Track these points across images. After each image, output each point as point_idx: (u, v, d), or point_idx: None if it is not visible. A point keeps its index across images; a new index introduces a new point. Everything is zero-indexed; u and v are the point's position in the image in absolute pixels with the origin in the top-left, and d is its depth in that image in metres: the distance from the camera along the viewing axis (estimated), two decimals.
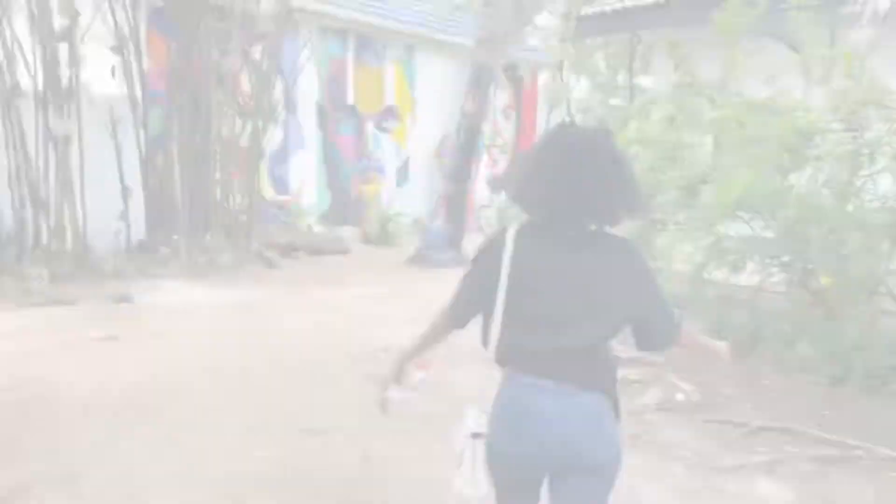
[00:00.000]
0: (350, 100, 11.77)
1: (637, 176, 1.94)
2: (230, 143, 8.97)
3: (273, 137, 10.06)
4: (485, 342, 1.91)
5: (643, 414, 4.34)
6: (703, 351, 2.18)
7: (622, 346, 2.17)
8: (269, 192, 10.60)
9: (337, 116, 11.59)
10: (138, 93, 8.26)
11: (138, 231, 8.52)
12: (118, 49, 8.11)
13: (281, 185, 10.86)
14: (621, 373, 2.16)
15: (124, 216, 8.30)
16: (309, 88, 10.91)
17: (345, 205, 11.91)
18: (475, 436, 1.87)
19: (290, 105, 10.64)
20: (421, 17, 12.57)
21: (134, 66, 8.20)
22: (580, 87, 16.61)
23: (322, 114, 11.34)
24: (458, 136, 9.67)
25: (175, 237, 8.43)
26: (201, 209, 8.65)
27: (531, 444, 1.81)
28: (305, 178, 11.19)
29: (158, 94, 8.70)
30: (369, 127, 12.16)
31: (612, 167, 1.82)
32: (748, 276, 5.30)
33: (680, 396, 4.57)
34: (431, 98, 13.23)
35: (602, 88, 16.67)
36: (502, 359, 1.88)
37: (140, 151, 8.33)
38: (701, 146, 5.45)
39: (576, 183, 1.78)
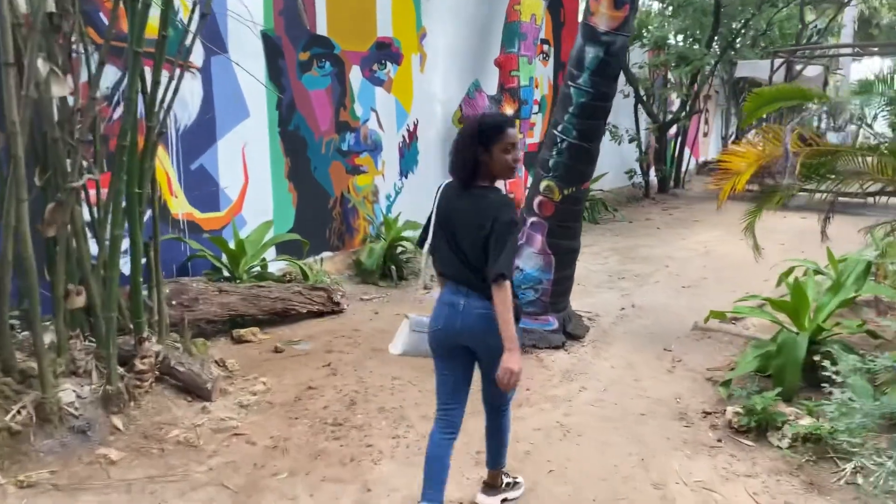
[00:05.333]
0: (322, 28, 6.68)
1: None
2: (85, 118, 3.86)
3: (182, 101, 4.97)
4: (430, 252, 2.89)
5: None
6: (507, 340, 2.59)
7: None
8: (179, 209, 5.55)
9: (300, 58, 6.50)
10: None
11: None
12: None
13: (203, 193, 5.78)
14: None
15: None
16: (249, 5, 5.76)
17: (320, 216, 6.91)
18: (408, 318, 3.04)
19: (214, 37, 5.52)
20: None
21: None
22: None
23: (273, 53, 6.23)
24: (575, 80, 4.76)
25: None
26: (14, 275, 3.60)
27: (445, 325, 2.76)
28: (250, 176, 6.14)
29: None
30: (355, 75, 7.11)
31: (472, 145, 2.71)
32: None
33: None
34: (450, 23, 8.25)
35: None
36: (437, 270, 2.87)
37: None
38: None
39: (458, 156, 2.76)
